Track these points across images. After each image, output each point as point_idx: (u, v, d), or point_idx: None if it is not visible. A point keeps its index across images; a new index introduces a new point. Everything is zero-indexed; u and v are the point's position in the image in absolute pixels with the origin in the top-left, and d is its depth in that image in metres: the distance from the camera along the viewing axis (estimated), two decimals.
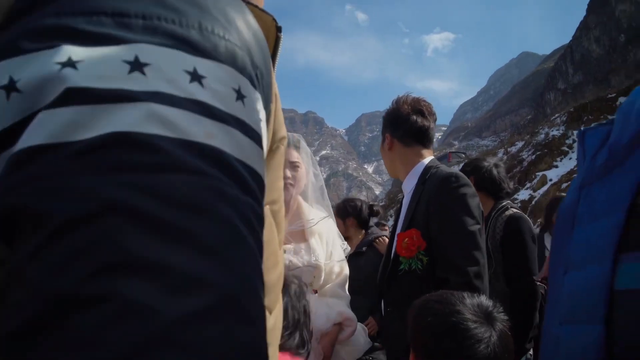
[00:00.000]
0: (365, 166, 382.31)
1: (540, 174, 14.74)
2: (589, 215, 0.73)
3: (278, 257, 0.53)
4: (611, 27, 49.06)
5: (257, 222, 0.35)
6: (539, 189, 14.03)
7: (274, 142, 0.50)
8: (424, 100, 2.08)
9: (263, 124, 0.39)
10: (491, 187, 2.89)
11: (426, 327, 1.16)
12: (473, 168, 2.93)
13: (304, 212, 2.10)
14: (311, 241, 2.05)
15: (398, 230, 1.99)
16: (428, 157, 2.06)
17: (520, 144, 19.92)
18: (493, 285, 2.55)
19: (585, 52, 53.66)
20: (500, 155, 19.13)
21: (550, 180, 13.59)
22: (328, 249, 2.10)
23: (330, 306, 1.98)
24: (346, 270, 2.16)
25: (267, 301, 0.48)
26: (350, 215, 3.53)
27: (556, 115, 20.26)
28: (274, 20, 0.49)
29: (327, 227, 2.15)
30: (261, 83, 0.40)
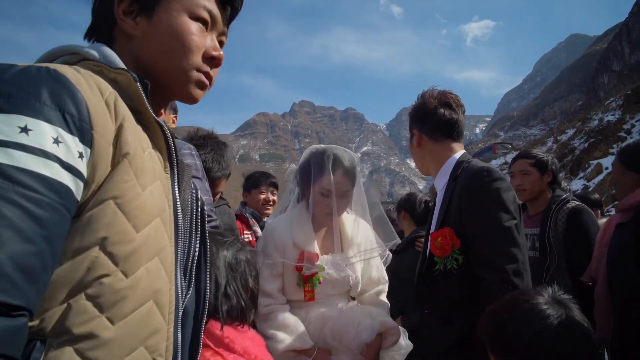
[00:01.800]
0: (408, 161, 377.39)
1: (595, 162, 13.85)
2: None
3: (128, 235, 0.71)
4: None
5: (31, 205, 0.57)
6: (593, 178, 13.18)
7: (118, 156, 0.72)
8: (451, 93, 2.02)
9: (72, 152, 0.64)
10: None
11: (537, 333, 1.11)
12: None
13: (345, 230, 2.07)
14: (348, 252, 2.03)
15: (432, 230, 1.94)
16: (459, 152, 1.99)
17: (571, 132, 18.85)
18: (558, 282, 2.50)
19: None
20: (549, 144, 18.18)
21: (607, 168, 12.67)
22: (365, 259, 2.08)
23: (372, 317, 1.94)
24: (385, 278, 2.15)
25: (123, 267, 0.69)
26: (403, 208, 3.52)
27: (611, 99, 18.96)
28: (128, 72, 0.78)
29: (365, 235, 2.10)
30: (77, 127, 0.65)
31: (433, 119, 1.97)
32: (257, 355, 1.22)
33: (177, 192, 0.88)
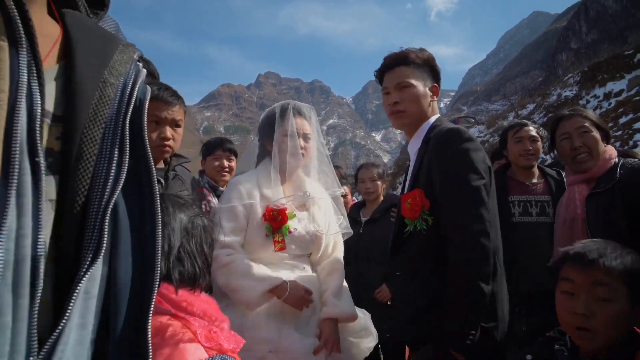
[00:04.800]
0: (373, 134, 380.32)
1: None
2: None
3: None
4: None
5: None
6: (549, 152, 13.70)
7: None
8: None
9: None
10: None
11: None
12: None
13: (305, 184, 2.13)
14: (312, 210, 2.10)
15: (404, 192, 1.94)
16: (435, 115, 1.96)
17: (531, 107, 19.43)
18: None
19: (600, 8, 51.64)
20: (510, 118, 18.70)
21: None
22: (326, 220, 2.13)
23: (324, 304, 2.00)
24: (341, 244, 2.20)
25: None
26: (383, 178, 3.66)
27: (569, 75, 19.60)
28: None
29: (325, 200, 2.18)
30: None
31: (438, 75, 1.99)
32: (217, 317, 1.21)
33: (24, 73, 0.59)
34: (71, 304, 0.61)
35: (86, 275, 0.63)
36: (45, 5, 0.72)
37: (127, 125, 0.70)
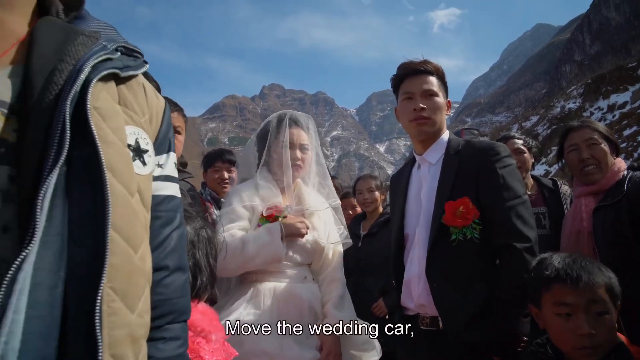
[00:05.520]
0: (377, 146, 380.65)
1: (556, 148, 14.34)
2: None
3: None
4: None
5: None
6: (555, 163, 13.69)
7: None
8: None
9: None
10: None
11: None
12: None
13: (303, 195, 2.12)
14: (312, 219, 2.10)
15: (414, 205, 1.96)
16: (446, 130, 2.03)
17: (534, 119, 19.45)
18: None
19: (603, 20, 51.85)
20: (514, 130, 18.70)
21: None
22: (326, 230, 2.13)
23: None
24: (341, 253, 2.19)
25: None
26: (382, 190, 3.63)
27: (572, 87, 19.63)
28: None
29: (325, 210, 2.18)
30: None
31: (447, 90, 2.03)
32: (204, 327, 1.21)
33: None
34: (13, 268, 0.57)
35: (29, 246, 0.59)
36: (26, 14, 0.74)
37: (68, 108, 0.66)
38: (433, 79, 1.93)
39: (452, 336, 1.73)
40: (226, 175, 3.31)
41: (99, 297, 0.64)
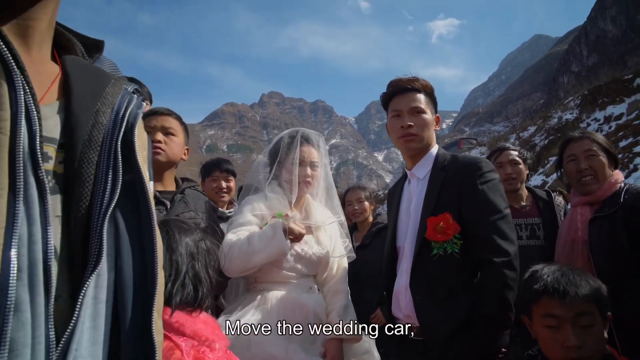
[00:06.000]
0: (375, 154, 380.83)
1: (554, 158, 14.43)
2: None
3: None
4: (629, 4, 47.61)
5: None
6: (552, 173, 13.75)
7: None
8: None
9: None
10: None
11: None
12: None
13: (311, 210, 2.21)
14: (317, 233, 2.17)
15: (405, 218, 1.99)
16: (435, 145, 2.06)
17: (532, 129, 19.53)
18: None
19: (600, 32, 52.32)
20: (512, 140, 18.78)
21: None
22: (332, 243, 2.19)
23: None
24: (345, 266, 2.25)
25: None
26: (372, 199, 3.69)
27: (570, 98, 19.76)
28: None
29: (331, 225, 2.24)
30: None
31: (437, 106, 2.07)
32: (208, 337, 1.24)
33: (21, 104, 0.67)
34: (78, 305, 0.69)
35: (92, 276, 0.71)
36: (49, 51, 0.84)
37: (119, 146, 0.79)
38: (421, 96, 1.97)
39: (435, 349, 1.77)
40: (224, 184, 3.34)
41: (154, 304, 0.78)
